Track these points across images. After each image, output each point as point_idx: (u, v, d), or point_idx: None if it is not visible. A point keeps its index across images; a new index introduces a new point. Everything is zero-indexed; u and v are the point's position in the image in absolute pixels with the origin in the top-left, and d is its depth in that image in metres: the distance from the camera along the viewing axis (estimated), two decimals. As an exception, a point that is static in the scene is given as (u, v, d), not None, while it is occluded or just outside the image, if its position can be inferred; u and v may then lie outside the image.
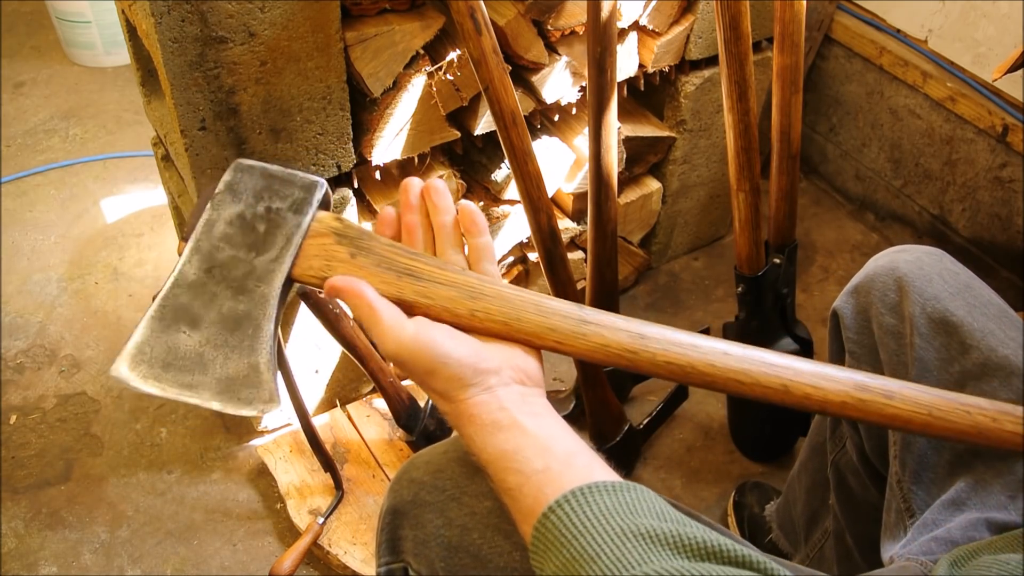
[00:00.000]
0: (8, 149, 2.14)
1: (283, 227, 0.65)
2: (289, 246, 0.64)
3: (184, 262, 0.64)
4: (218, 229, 0.64)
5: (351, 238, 0.65)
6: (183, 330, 0.63)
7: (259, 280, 0.63)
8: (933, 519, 0.78)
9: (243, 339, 0.63)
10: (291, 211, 0.65)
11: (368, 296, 0.60)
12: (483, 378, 0.60)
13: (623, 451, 1.45)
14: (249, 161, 0.67)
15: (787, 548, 1.29)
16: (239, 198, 0.66)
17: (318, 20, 1.10)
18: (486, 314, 0.63)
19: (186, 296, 0.63)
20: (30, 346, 1.67)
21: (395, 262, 0.64)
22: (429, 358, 0.59)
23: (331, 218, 0.66)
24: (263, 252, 0.64)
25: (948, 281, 0.86)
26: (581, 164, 1.49)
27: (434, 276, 0.64)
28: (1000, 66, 1.42)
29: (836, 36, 1.94)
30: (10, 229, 1.92)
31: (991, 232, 1.74)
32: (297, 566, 1.28)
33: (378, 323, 0.59)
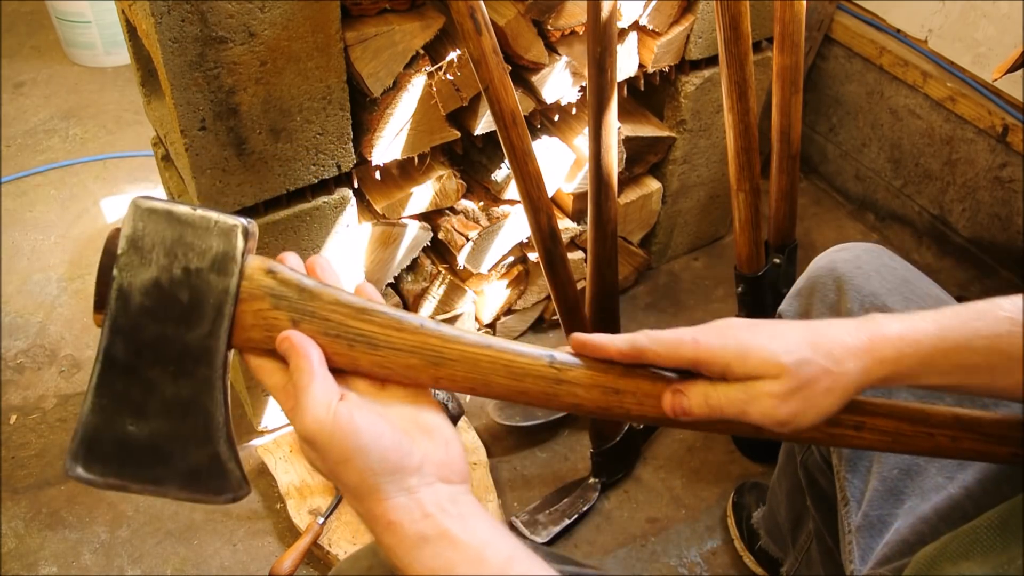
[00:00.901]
0: (8, 149, 2.14)
1: (209, 294, 0.55)
2: (221, 318, 0.55)
3: (107, 344, 0.55)
4: (134, 301, 0.54)
5: (290, 300, 0.56)
6: (129, 422, 0.56)
7: (197, 360, 0.55)
8: (878, 516, 0.78)
9: (195, 429, 0.56)
10: (214, 272, 0.55)
11: (313, 363, 0.54)
12: (401, 477, 0.53)
13: (623, 451, 1.45)
14: (149, 202, 0.55)
15: (777, 553, 1.29)
16: (148, 259, 0.54)
17: (318, 20, 1.10)
18: (449, 381, 0.58)
19: (120, 383, 0.55)
20: (30, 346, 1.67)
21: (344, 327, 0.56)
22: (347, 446, 0.52)
23: (262, 272, 0.56)
24: (194, 327, 0.55)
25: (886, 277, 0.88)
26: (581, 164, 1.49)
27: (391, 341, 0.56)
28: (1000, 66, 1.42)
29: (836, 36, 1.94)
30: (10, 229, 1.92)
31: (991, 232, 1.74)
32: (297, 566, 1.28)
33: (309, 393, 0.53)
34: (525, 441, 1.54)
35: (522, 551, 0.54)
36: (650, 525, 1.43)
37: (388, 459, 0.53)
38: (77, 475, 0.56)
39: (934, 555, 0.63)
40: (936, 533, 0.71)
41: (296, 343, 0.54)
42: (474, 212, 1.45)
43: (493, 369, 0.58)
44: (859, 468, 0.82)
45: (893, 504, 0.77)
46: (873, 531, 0.78)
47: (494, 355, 0.58)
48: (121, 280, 0.54)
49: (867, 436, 0.61)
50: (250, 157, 1.17)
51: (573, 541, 1.41)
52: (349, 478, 0.53)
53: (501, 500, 1.43)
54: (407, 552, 0.52)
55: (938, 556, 0.63)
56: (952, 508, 0.73)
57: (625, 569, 1.37)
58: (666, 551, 1.40)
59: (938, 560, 0.62)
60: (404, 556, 0.53)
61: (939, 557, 0.63)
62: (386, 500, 0.53)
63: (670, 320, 1.77)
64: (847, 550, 0.82)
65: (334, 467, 0.53)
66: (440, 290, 1.50)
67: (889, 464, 0.79)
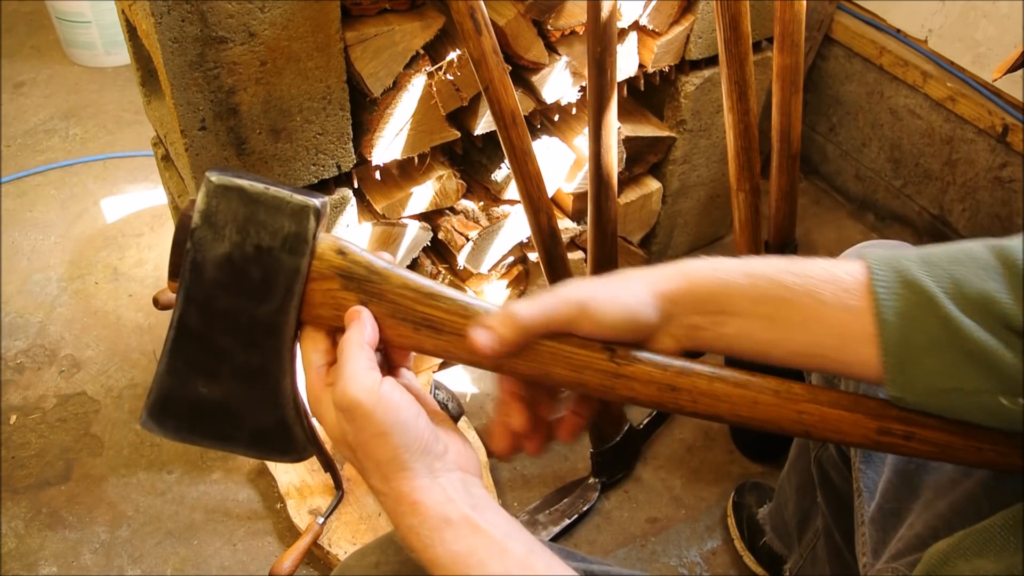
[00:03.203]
0: (8, 149, 2.14)
1: (280, 273, 0.56)
2: (291, 295, 0.57)
3: (181, 311, 0.57)
4: (208, 274, 0.56)
5: (359, 280, 0.57)
6: (202, 384, 0.58)
7: (267, 333, 0.57)
8: (892, 509, 0.78)
9: (265, 394, 0.58)
10: (285, 251, 0.56)
11: (369, 336, 0.56)
12: (429, 460, 0.54)
13: (623, 451, 1.45)
14: (223, 178, 0.56)
15: (781, 550, 1.29)
16: (221, 234, 0.56)
17: (318, 20, 1.10)
18: (511, 370, 0.59)
19: (194, 349, 0.58)
20: (30, 346, 1.67)
21: (411, 311, 0.58)
22: (388, 419, 0.53)
23: (333, 252, 0.57)
24: (264, 302, 0.57)
25: None
26: (581, 164, 1.49)
27: (456, 327, 0.58)
28: (1000, 66, 1.42)
29: (836, 36, 1.94)
30: (10, 229, 1.92)
31: (991, 232, 1.74)
32: (297, 566, 1.28)
33: (356, 362, 0.54)
34: (525, 441, 1.54)
35: (539, 546, 0.55)
36: (650, 525, 1.43)
37: (422, 438, 0.54)
38: (151, 428, 0.59)
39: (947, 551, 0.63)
40: (950, 529, 0.71)
41: (361, 314, 0.57)
42: (474, 212, 1.45)
43: (552, 359, 0.58)
44: (874, 459, 0.83)
45: (908, 497, 0.78)
46: (887, 524, 0.78)
47: (556, 347, 0.58)
48: (195, 253, 0.56)
49: (916, 446, 0.61)
50: (250, 157, 1.17)
51: (573, 541, 1.41)
52: (382, 452, 0.53)
53: (501, 500, 1.43)
54: (429, 532, 0.53)
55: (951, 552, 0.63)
56: (968, 503, 0.73)
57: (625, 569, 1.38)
58: (666, 551, 1.40)
59: (951, 557, 0.62)
60: (426, 537, 0.53)
61: (952, 554, 0.63)
62: (415, 479, 0.53)
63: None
64: (860, 542, 0.82)
65: (369, 439, 0.53)
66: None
67: (905, 457, 0.79)
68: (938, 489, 0.75)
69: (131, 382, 1.61)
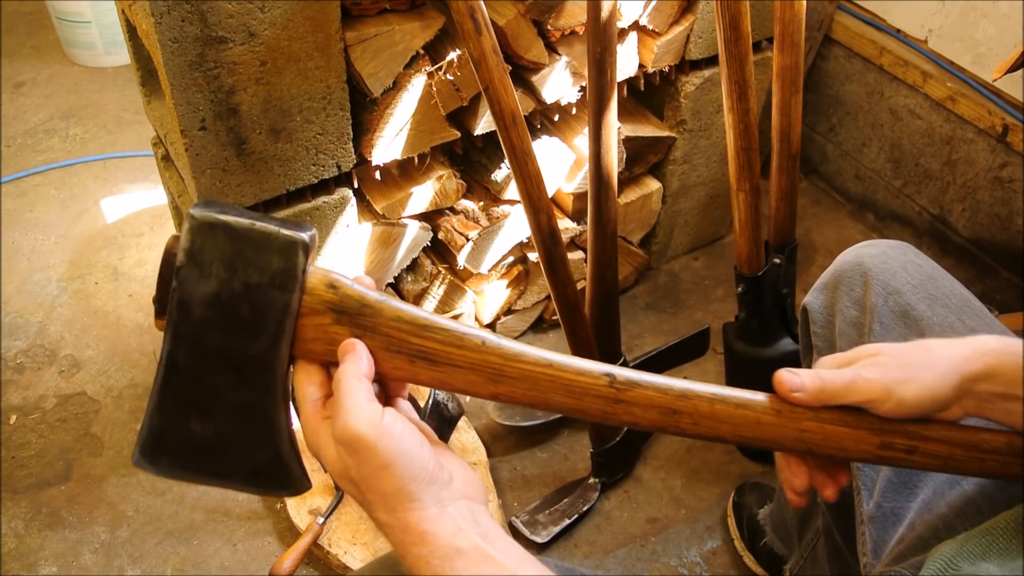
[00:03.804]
0: (8, 149, 2.14)
1: (270, 309, 0.55)
2: (282, 332, 0.55)
3: (169, 349, 0.55)
4: (196, 312, 0.55)
5: (351, 314, 0.56)
6: (194, 422, 0.57)
7: (259, 370, 0.56)
8: (891, 508, 0.78)
9: (259, 431, 0.57)
10: (274, 288, 0.55)
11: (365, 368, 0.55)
12: (436, 489, 0.54)
13: (623, 451, 1.45)
14: (207, 214, 0.54)
15: (782, 551, 1.29)
16: (207, 272, 0.54)
17: (318, 20, 1.10)
18: (509, 397, 0.58)
19: (184, 387, 0.56)
20: (30, 346, 1.67)
21: (406, 343, 0.57)
22: (391, 450, 0.52)
23: (324, 286, 0.56)
24: (255, 339, 0.55)
25: (912, 273, 0.88)
26: (581, 164, 1.49)
27: (451, 358, 0.57)
28: (1000, 66, 1.42)
29: (836, 36, 1.94)
30: (10, 229, 1.92)
31: (991, 232, 1.74)
32: (297, 566, 1.28)
33: (355, 395, 0.53)
34: (525, 441, 1.54)
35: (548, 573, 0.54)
36: (650, 525, 1.43)
37: (427, 468, 0.54)
38: (143, 467, 0.58)
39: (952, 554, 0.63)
40: (951, 530, 0.71)
41: (356, 347, 0.56)
42: (474, 212, 1.45)
43: (553, 388, 0.58)
44: None
45: (907, 497, 0.78)
46: (886, 523, 0.79)
47: (554, 374, 0.58)
48: (181, 292, 0.54)
49: (919, 459, 0.61)
50: (250, 157, 1.17)
51: (573, 541, 1.41)
52: (388, 485, 0.53)
53: (501, 500, 1.43)
54: (440, 562, 0.52)
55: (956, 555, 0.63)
56: (967, 504, 0.73)
57: (625, 569, 1.37)
58: (666, 551, 1.40)
59: (956, 559, 0.63)
60: (436, 566, 0.52)
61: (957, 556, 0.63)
62: (422, 509, 0.53)
63: (670, 320, 1.77)
64: (860, 541, 0.82)
65: (373, 472, 0.53)
66: (440, 290, 1.50)
67: None
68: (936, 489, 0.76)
69: (131, 382, 1.61)
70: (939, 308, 0.84)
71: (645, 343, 1.71)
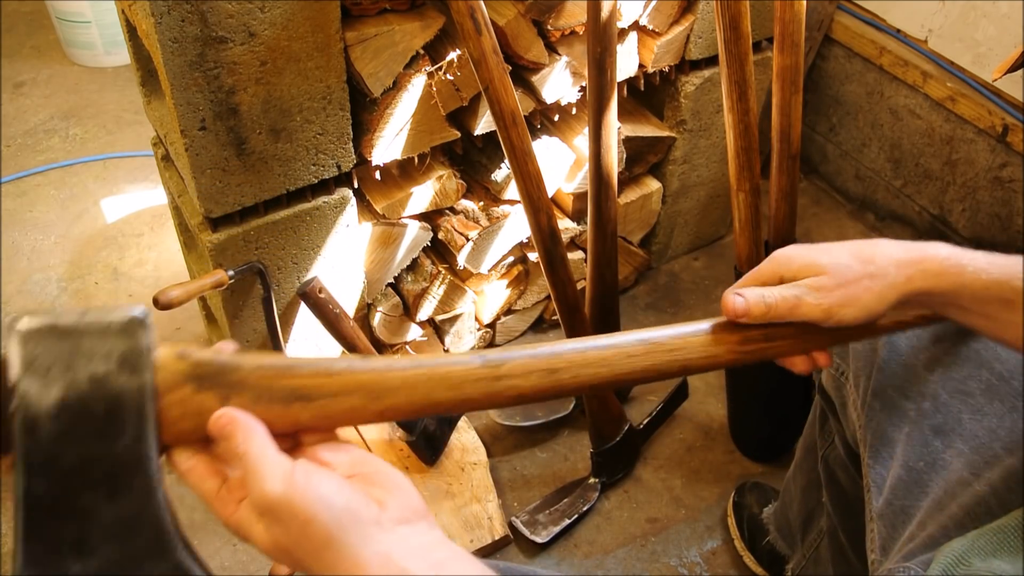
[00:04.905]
0: (8, 149, 2.14)
1: (125, 397, 0.49)
2: (144, 419, 0.49)
3: (25, 486, 0.48)
4: (44, 429, 0.48)
5: (211, 377, 0.52)
6: (72, 562, 0.49)
7: (131, 471, 0.49)
8: (901, 506, 0.79)
9: (148, 543, 0.51)
10: (125, 373, 0.49)
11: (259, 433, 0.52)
12: (365, 529, 0.51)
13: (623, 451, 1.45)
14: (31, 323, 0.51)
15: (784, 550, 1.29)
16: (48, 379, 0.48)
17: (318, 20, 1.10)
18: (394, 411, 0.57)
19: (51, 524, 0.48)
20: (30, 346, 1.67)
21: (275, 389, 0.54)
22: (311, 506, 0.49)
23: (174, 359, 0.52)
24: (117, 437, 0.49)
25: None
26: (581, 164, 1.49)
27: (325, 389, 0.55)
28: (1000, 66, 1.42)
29: (836, 36, 1.94)
30: (10, 229, 1.92)
31: (991, 232, 1.74)
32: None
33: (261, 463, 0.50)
34: (525, 441, 1.54)
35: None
36: (650, 525, 1.43)
37: (352, 509, 0.51)
38: None
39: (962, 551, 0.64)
40: (962, 528, 0.72)
41: (236, 417, 0.52)
42: (474, 212, 1.45)
43: (432, 387, 0.57)
44: (882, 455, 0.83)
45: (917, 496, 0.78)
46: (896, 520, 0.79)
47: (429, 372, 0.57)
48: (24, 412, 0.48)
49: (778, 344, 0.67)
50: (250, 157, 1.17)
51: (573, 541, 1.41)
52: (315, 539, 0.50)
53: (501, 500, 1.43)
54: None
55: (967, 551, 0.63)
56: (977, 504, 0.73)
57: (625, 569, 1.37)
58: (666, 551, 1.40)
59: (967, 555, 0.63)
60: None
61: (968, 552, 0.63)
62: (356, 556, 0.50)
63: (670, 320, 1.76)
64: (869, 538, 0.82)
65: (299, 531, 0.50)
66: (440, 290, 1.50)
67: (915, 455, 0.80)
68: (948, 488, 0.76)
69: (131, 382, 1.61)
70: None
71: (645, 343, 1.71)
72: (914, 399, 0.82)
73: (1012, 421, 0.76)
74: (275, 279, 1.31)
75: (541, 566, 1.37)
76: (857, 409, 0.89)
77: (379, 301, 1.48)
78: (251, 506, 0.52)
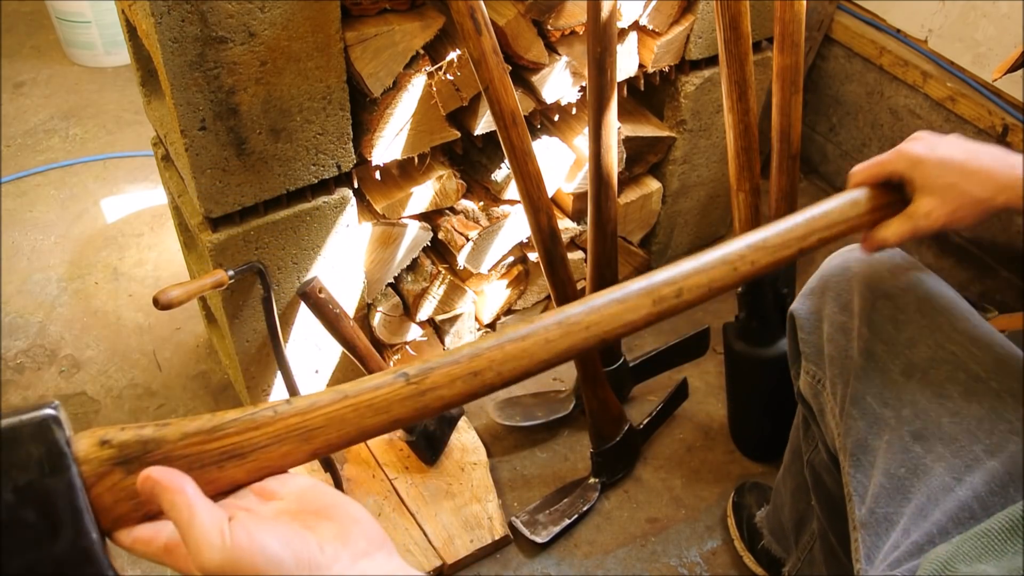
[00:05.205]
0: (8, 149, 2.14)
1: (56, 499, 0.49)
2: (79, 514, 0.50)
3: None
4: None
5: (138, 458, 0.52)
6: None
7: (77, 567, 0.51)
8: (884, 514, 0.79)
9: None
10: (48, 476, 0.49)
11: (189, 494, 0.50)
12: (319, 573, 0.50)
13: (623, 451, 1.45)
14: None
15: (779, 553, 1.29)
16: None
17: (318, 20, 1.10)
18: (327, 447, 0.57)
19: None
20: (30, 346, 1.67)
21: (205, 454, 0.54)
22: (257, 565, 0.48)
23: (96, 448, 0.52)
24: (56, 538, 0.49)
25: (898, 276, 0.88)
26: (581, 164, 1.49)
27: (255, 442, 0.55)
28: (1000, 66, 1.42)
29: (836, 36, 1.94)
30: (10, 229, 1.92)
31: (991, 232, 1.74)
32: (297, 566, 1.28)
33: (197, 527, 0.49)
34: (525, 441, 1.54)
35: None
36: (650, 525, 1.43)
37: (303, 558, 0.50)
38: None
39: (947, 556, 0.63)
40: (945, 534, 0.71)
41: (160, 479, 0.50)
42: (474, 212, 1.45)
43: (359, 416, 0.57)
44: (863, 464, 0.83)
45: (899, 503, 0.78)
46: (879, 528, 0.79)
47: (355, 403, 0.57)
48: None
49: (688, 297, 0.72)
50: (250, 157, 1.17)
51: (573, 541, 1.41)
52: None
53: (501, 500, 1.43)
54: None
55: (952, 557, 0.63)
56: (961, 510, 0.73)
57: (625, 569, 1.37)
58: (666, 551, 1.40)
59: (952, 561, 0.63)
60: None
61: (953, 558, 0.63)
62: None
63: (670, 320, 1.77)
64: (854, 547, 0.82)
65: None
66: (440, 290, 1.50)
67: (896, 462, 0.80)
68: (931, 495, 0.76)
69: (131, 382, 1.61)
70: (927, 310, 0.85)
71: (645, 343, 1.71)
72: (893, 406, 0.82)
73: (991, 422, 0.76)
74: (275, 279, 1.31)
75: (541, 566, 1.37)
76: (835, 417, 0.89)
77: (379, 301, 1.48)
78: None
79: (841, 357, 0.88)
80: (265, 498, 0.56)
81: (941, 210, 0.77)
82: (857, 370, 0.85)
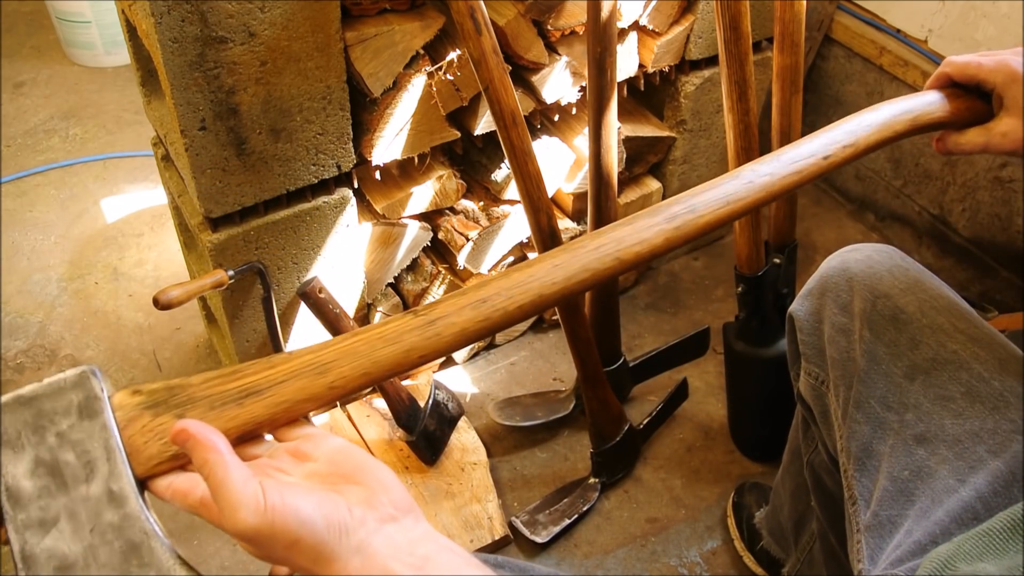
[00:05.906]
0: (8, 149, 2.14)
1: (92, 440, 0.54)
2: (113, 454, 0.54)
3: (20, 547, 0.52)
4: (26, 493, 0.52)
5: (164, 401, 0.56)
6: None
7: (115, 505, 0.53)
8: (888, 516, 0.78)
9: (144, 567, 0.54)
10: (86, 419, 0.54)
11: (223, 452, 0.51)
12: (348, 536, 0.51)
13: (623, 451, 1.45)
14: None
15: (779, 553, 1.29)
16: (19, 445, 0.53)
17: (318, 20, 1.10)
18: (343, 380, 0.58)
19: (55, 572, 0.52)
20: (30, 346, 1.67)
21: (224, 392, 0.57)
22: (291, 528, 0.50)
23: (128, 395, 0.57)
24: (93, 478, 0.53)
25: (898, 277, 0.88)
26: (581, 164, 1.49)
27: (271, 378, 0.58)
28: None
29: (836, 36, 1.94)
30: (10, 229, 1.92)
31: (991, 232, 1.74)
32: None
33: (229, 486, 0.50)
34: (525, 441, 1.54)
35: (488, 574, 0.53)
36: (650, 525, 1.43)
37: (334, 520, 0.51)
38: None
39: (948, 555, 0.63)
40: (948, 535, 0.71)
41: (195, 432, 0.52)
42: (474, 212, 1.45)
43: (371, 348, 0.59)
44: (868, 467, 0.83)
45: (903, 505, 0.78)
46: (883, 531, 0.78)
47: (366, 336, 0.59)
48: (5, 480, 0.52)
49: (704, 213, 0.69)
50: (250, 157, 1.17)
51: (573, 541, 1.41)
52: (304, 557, 0.51)
53: (501, 500, 1.43)
54: None
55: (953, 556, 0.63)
56: (964, 510, 0.73)
57: (625, 569, 1.37)
58: (666, 551, 1.40)
59: (953, 560, 0.63)
60: None
61: (954, 557, 0.63)
62: (344, 565, 0.51)
63: (670, 320, 1.77)
64: (855, 549, 0.82)
65: (285, 551, 0.51)
66: (440, 290, 1.50)
67: (899, 465, 0.80)
68: (934, 496, 0.76)
69: (131, 382, 1.61)
70: (928, 310, 0.84)
71: (645, 343, 1.71)
72: (896, 409, 0.82)
73: (994, 422, 0.76)
74: (275, 279, 1.31)
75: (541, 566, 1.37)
76: (838, 420, 0.88)
77: (379, 301, 1.48)
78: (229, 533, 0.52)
79: (843, 359, 0.88)
80: (299, 459, 0.57)
81: (1018, 134, 0.78)
82: (860, 373, 0.85)
